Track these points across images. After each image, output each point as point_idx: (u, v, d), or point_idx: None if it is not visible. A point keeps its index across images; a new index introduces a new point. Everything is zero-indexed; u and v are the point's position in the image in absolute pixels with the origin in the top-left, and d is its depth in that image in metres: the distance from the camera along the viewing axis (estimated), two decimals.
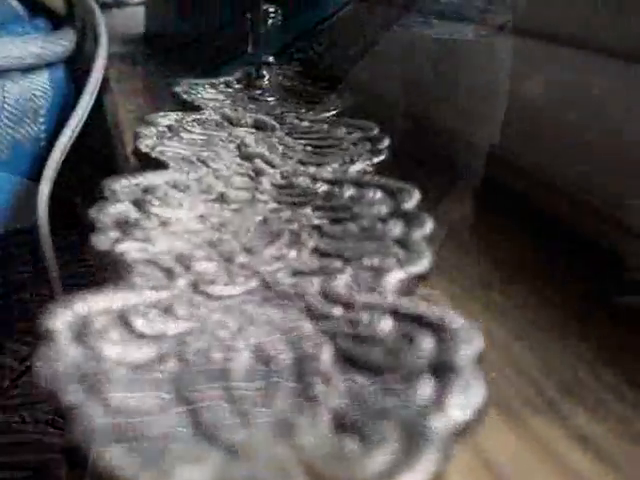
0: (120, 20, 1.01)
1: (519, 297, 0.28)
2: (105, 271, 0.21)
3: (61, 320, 0.17)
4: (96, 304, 0.18)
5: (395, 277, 0.21)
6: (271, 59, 0.53)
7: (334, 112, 0.43)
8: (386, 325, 0.19)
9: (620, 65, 0.30)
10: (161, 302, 0.20)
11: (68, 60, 0.59)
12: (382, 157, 0.33)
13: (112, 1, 1.19)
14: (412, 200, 0.27)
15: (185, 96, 0.44)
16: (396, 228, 0.25)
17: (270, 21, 0.51)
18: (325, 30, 0.64)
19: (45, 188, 0.50)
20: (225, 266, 0.23)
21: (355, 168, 0.32)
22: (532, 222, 0.34)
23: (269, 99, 0.48)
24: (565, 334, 0.26)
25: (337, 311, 0.20)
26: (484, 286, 0.29)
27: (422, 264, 0.22)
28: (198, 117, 0.40)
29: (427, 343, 0.18)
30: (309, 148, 0.36)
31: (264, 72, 0.51)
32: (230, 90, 0.49)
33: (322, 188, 0.30)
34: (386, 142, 0.35)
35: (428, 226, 0.25)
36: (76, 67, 0.62)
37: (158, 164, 0.32)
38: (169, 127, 0.37)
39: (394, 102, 0.50)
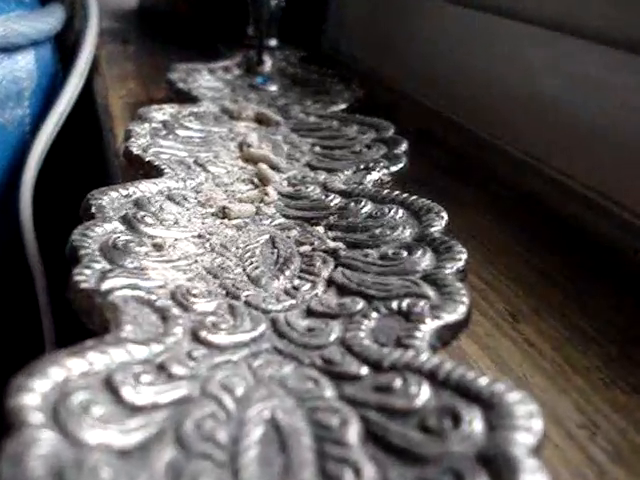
0: None
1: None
2: (89, 316, 0.18)
3: (33, 396, 0.14)
4: (76, 367, 0.15)
5: (429, 327, 0.18)
6: (273, 43, 0.50)
7: (343, 106, 0.40)
8: (423, 394, 0.16)
9: None
10: (154, 358, 0.17)
11: (56, 38, 0.56)
12: (401, 165, 0.30)
13: None
14: (440, 222, 0.24)
15: (181, 84, 0.41)
16: (424, 259, 0.22)
17: (273, 2, 0.48)
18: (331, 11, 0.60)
19: (29, 177, 0.47)
20: (229, 304, 0.20)
21: (371, 177, 0.29)
22: None
23: (271, 88, 0.44)
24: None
25: (363, 371, 0.17)
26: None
27: (459, 311, 0.19)
28: (195, 110, 0.36)
29: (476, 423, 0.15)
30: (318, 149, 0.33)
31: (266, 57, 0.48)
32: (229, 77, 0.46)
33: (335, 201, 0.27)
34: (404, 145, 0.31)
35: (462, 258, 0.21)
36: (64, 45, 0.58)
37: (152, 168, 0.28)
38: (164, 123, 0.33)
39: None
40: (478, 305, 0.26)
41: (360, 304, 0.20)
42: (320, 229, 0.25)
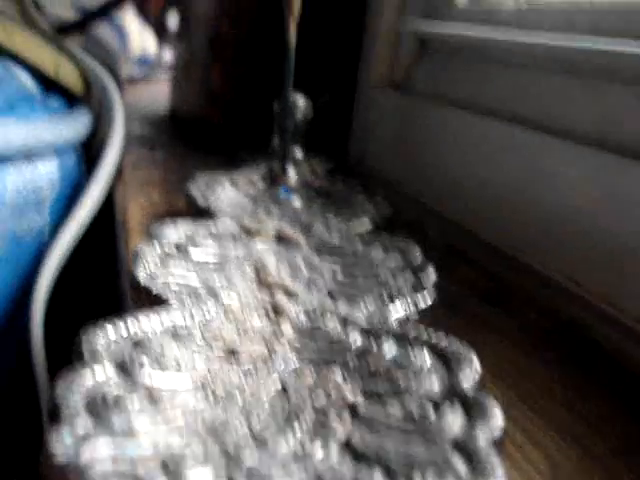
0: (147, 95, 0.98)
1: None
2: None
3: None
4: None
5: None
6: (298, 154, 0.48)
7: (369, 225, 0.38)
8: None
9: None
10: None
11: (82, 144, 0.54)
12: (429, 300, 0.27)
13: (140, 75, 1.17)
14: (472, 374, 0.21)
15: (201, 200, 0.39)
16: (455, 422, 0.19)
17: (299, 114, 0.47)
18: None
19: (41, 293, 0.45)
20: (227, 474, 0.17)
21: (396, 312, 0.26)
22: None
23: (295, 202, 0.42)
24: None
25: None
26: None
27: None
28: (212, 228, 0.34)
29: None
30: (340, 276, 0.31)
31: (290, 168, 0.46)
32: (251, 189, 0.44)
33: (356, 341, 0.24)
34: (432, 275, 0.29)
35: (497, 423, 0.19)
36: (90, 150, 0.57)
37: (158, 299, 0.26)
38: (177, 246, 0.31)
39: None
40: (513, 460, 0.23)
41: (378, 476, 0.17)
42: (338, 375, 0.23)
